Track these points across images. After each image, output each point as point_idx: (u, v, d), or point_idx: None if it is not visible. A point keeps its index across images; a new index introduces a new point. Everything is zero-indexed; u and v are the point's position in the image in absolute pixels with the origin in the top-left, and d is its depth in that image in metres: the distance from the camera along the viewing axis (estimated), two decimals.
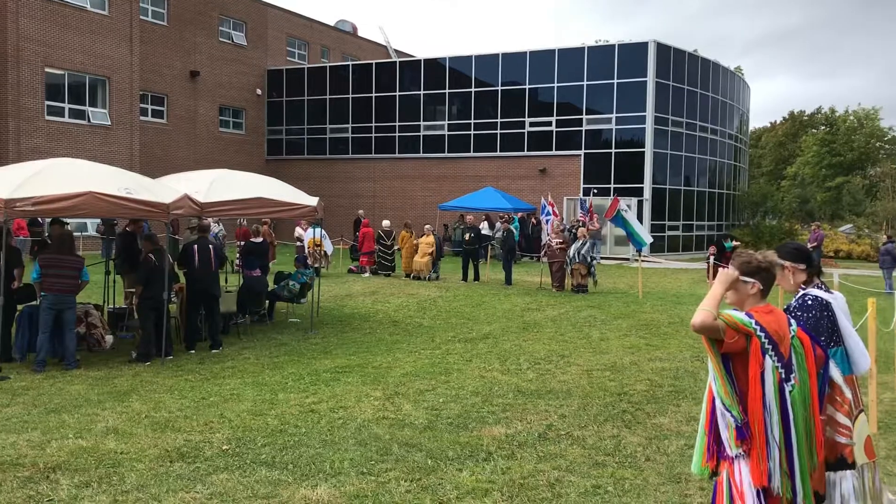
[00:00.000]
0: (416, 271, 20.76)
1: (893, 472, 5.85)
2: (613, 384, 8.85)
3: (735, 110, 39.36)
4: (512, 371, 9.52)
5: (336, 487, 5.41)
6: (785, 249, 4.09)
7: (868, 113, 55.68)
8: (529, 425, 7.06)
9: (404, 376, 9.12)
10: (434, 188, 35.28)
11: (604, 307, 15.85)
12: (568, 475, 5.70)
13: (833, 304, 3.84)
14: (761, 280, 3.54)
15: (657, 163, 32.56)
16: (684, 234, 34.24)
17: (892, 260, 20.46)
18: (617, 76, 32.42)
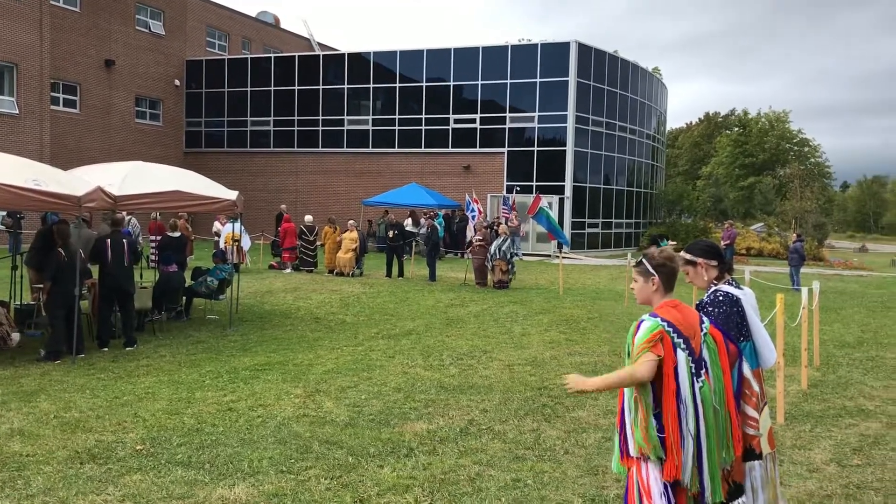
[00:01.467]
0: (340, 267, 20.60)
1: (799, 461, 6.09)
2: (534, 379, 8.96)
3: (653, 111, 40.39)
4: (435, 367, 9.53)
5: (254, 486, 5.32)
6: (697, 247, 4.21)
7: (779, 116, 57.97)
8: (451, 420, 7.08)
9: (326, 373, 9.03)
10: (358, 183, 35.07)
11: (525, 303, 16.05)
12: (488, 469, 5.75)
13: (743, 299, 3.97)
14: (661, 275, 3.61)
15: (578, 161, 33.14)
16: (603, 232, 34.96)
17: (800, 258, 21.33)
18: (539, 75, 32.85)
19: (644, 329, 3.42)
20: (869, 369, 9.98)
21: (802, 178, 41.55)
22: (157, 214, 20.97)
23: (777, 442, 6.43)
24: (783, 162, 53.16)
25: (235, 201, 12.42)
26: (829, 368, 9.95)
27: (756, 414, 3.85)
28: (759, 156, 55.21)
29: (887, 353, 11.16)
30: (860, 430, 7.04)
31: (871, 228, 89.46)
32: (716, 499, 3.39)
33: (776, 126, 56.90)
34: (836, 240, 56.04)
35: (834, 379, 9.32)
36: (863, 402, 8.15)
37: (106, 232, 11.38)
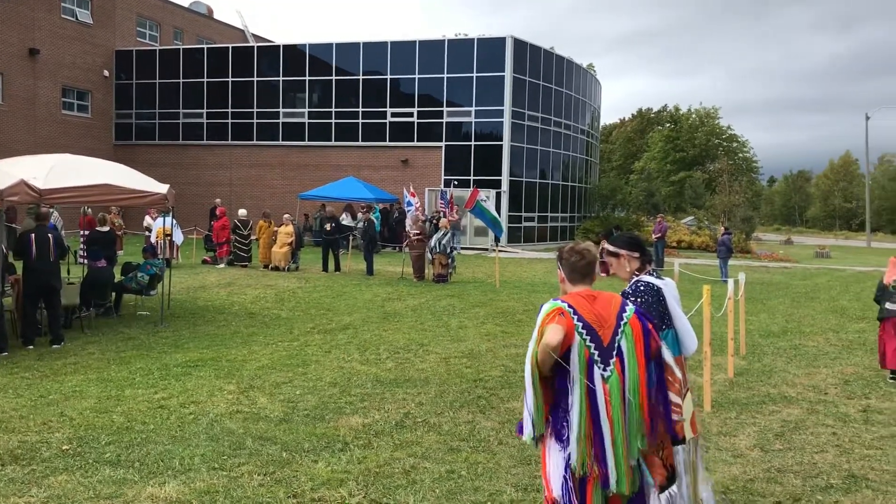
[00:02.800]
0: (275, 262, 20.36)
1: (725, 447, 6.29)
2: (470, 371, 9.03)
3: (587, 107, 40.98)
4: (371, 361, 9.52)
5: (185, 484, 5.24)
6: (621, 239, 4.31)
7: (709, 112, 59.40)
8: (387, 414, 7.09)
9: (260, 369, 8.93)
10: (294, 177, 34.67)
11: (463, 296, 16.14)
12: (423, 462, 5.78)
13: (664, 289, 4.08)
14: (564, 268, 3.71)
15: (514, 156, 33.42)
16: (539, 226, 35.35)
17: (728, 250, 21.97)
18: (476, 70, 33.00)
19: (543, 310, 3.51)
20: (792, 357, 10.34)
21: (731, 172, 42.71)
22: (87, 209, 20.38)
23: (703, 429, 6.64)
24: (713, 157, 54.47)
25: (166, 195, 12.15)
26: (755, 357, 10.28)
27: (679, 400, 3.96)
28: (690, 151, 56.53)
29: (809, 342, 11.58)
30: (782, 416, 7.30)
31: (797, 221, 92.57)
32: (620, 487, 3.37)
33: (706, 122, 58.31)
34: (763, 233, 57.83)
35: (759, 367, 9.63)
36: (786, 389, 8.45)
37: (30, 226, 11.01)
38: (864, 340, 11.55)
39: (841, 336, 12.22)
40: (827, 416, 7.31)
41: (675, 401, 3.94)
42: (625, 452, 3.41)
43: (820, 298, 17.39)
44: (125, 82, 37.87)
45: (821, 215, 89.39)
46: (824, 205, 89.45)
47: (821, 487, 5.33)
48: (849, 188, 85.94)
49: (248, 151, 36.14)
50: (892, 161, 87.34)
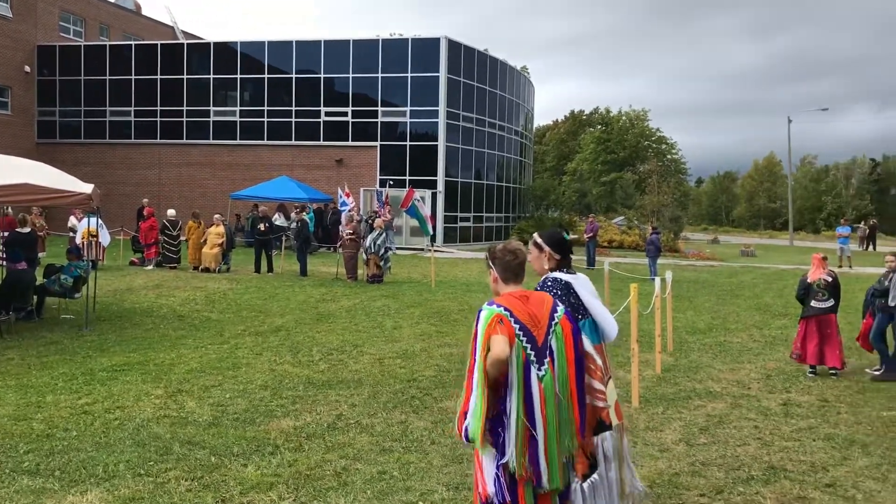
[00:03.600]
0: (205, 263, 19.98)
1: (651, 442, 6.43)
2: (404, 371, 9.03)
3: (521, 108, 41.40)
4: (304, 363, 9.43)
5: (109, 492, 5.10)
6: (550, 236, 4.36)
7: (638, 114, 60.62)
8: (319, 416, 7.03)
9: (189, 373, 8.75)
10: (225, 176, 34.08)
11: (398, 296, 16.11)
12: (355, 463, 5.75)
13: (574, 283, 4.17)
14: (497, 267, 3.71)
15: (449, 156, 33.54)
16: (475, 226, 35.56)
17: (656, 249, 22.45)
18: (411, 70, 33.00)
19: (483, 318, 3.49)
20: (717, 353, 10.64)
21: (660, 173, 43.65)
22: (7, 209, 19.64)
23: (631, 424, 6.78)
24: (643, 158, 55.55)
25: (91, 194, 11.80)
26: (682, 353, 10.54)
27: (602, 387, 4.04)
28: (621, 153, 57.56)
29: (734, 338, 11.93)
30: (707, 410, 7.50)
31: (723, 221, 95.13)
32: (553, 485, 3.44)
33: (636, 124, 59.50)
34: (690, 232, 59.26)
35: (686, 363, 9.88)
36: (711, 384, 8.69)
37: None
38: (786, 337, 11.95)
39: (764, 332, 12.62)
40: (749, 409, 7.54)
41: (598, 388, 4.02)
42: (558, 450, 3.48)
43: (744, 296, 17.92)
44: (48, 78, 36.63)
45: (746, 215, 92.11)
46: (749, 205, 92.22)
47: (742, 479, 5.50)
48: (773, 189, 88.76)
49: (177, 150, 35.37)
50: (814, 162, 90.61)
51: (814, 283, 9.35)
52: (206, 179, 34.66)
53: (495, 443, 3.44)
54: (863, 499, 5.15)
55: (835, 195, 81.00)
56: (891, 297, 9.18)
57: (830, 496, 5.19)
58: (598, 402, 4.01)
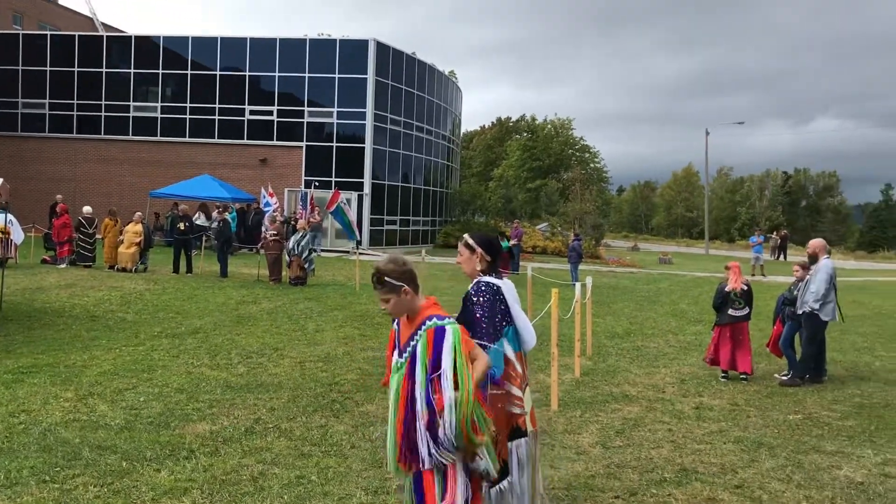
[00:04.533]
0: (121, 263, 19.37)
1: (569, 444, 6.52)
2: (325, 375, 8.94)
3: (448, 113, 41.58)
4: (222, 366, 9.23)
5: (11, 500, 4.87)
6: (482, 238, 4.39)
7: (563, 123, 61.73)
8: (236, 420, 6.89)
9: (101, 375, 8.46)
10: (145, 174, 33.13)
11: (321, 299, 15.95)
12: (272, 468, 5.66)
13: (503, 288, 4.21)
14: (410, 283, 3.56)
15: (377, 159, 33.44)
16: (401, 229, 35.52)
17: (578, 256, 22.90)
18: (338, 71, 32.78)
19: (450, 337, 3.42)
20: (634, 358, 10.89)
21: (583, 181, 44.50)
22: None
23: (550, 427, 6.88)
24: (566, 166, 56.60)
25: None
26: (600, 358, 10.75)
27: (521, 393, 4.09)
28: (546, 160, 58.48)
29: (650, 343, 12.24)
30: (624, 413, 7.67)
31: (643, 229, 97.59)
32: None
33: (560, 132, 60.58)
34: (611, 239, 60.62)
35: (604, 367, 10.08)
36: (627, 388, 8.88)
37: None
38: (700, 342, 12.31)
39: (679, 338, 12.98)
40: (664, 413, 7.74)
41: (516, 394, 4.07)
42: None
43: (661, 302, 18.42)
44: None
45: (665, 223, 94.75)
46: (668, 214, 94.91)
47: (655, 481, 5.63)
48: (690, 198, 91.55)
49: (94, 145, 34.23)
50: (730, 174, 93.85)
51: (731, 292, 9.64)
52: (125, 176, 33.63)
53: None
54: (768, 499, 5.34)
55: (749, 206, 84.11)
56: (799, 305, 9.57)
57: (738, 497, 5.36)
58: (515, 409, 4.05)
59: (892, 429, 7.31)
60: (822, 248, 9.75)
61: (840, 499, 5.39)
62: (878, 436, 7.07)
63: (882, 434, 7.12)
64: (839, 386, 9.30)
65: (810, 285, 9.45)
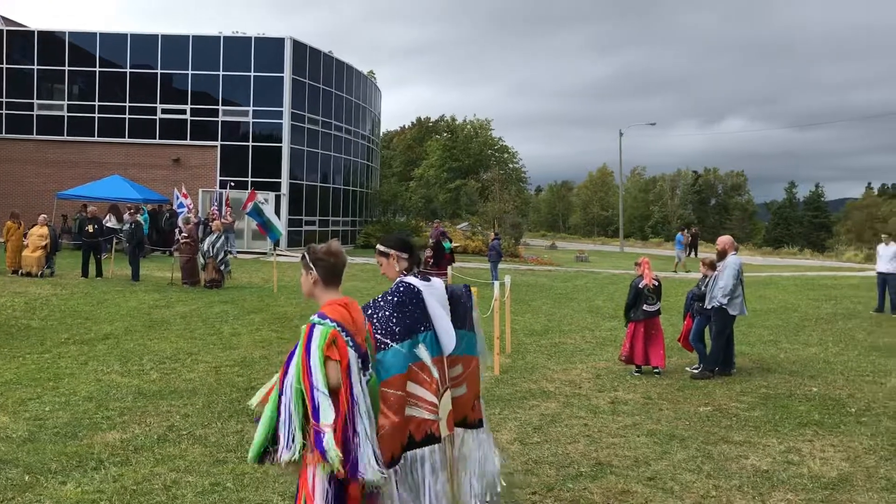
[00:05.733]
0: (26, 267, 18.55)
1: None
2: (241, 379, 8.76)
3: (368, 112, 41.39)
4: (133, 372, 8.95)
5: None
6: (391, 239, 4.36)
7: (482, 123, 62.27)
8: (148, 428, 6.69)
9: (3, 385, 8.07)
10: (51, 174, 31.82)
11: (238, 302, 15.65)
12: (186, 476, 5.51)
13: (425, 291, 4.17)
14: (320, 270, 3.59)
15: (294, 158, 33.01)
16: (320, 229, 35.16)
17: (498, 255, 23.11)
18: (254, 69, 32.22)
19: (317, 336, 3.37)
20: (552, 354, 11.06)
21: (502, 181, 44.99)
22: None
23: None
24: (486, 166, 57.10)
25: None
26: (519, 355, 10.87)
27: (436, 399, 4.06)
28: (465, 160, 58.86)
29: (567, 340, 12.45)
30: (541, 409, 7.77)
31: (561, 228, 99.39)
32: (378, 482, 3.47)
33: (480, 133, 61.10)
34: (530, 238, 61.45)
35: (522, 364, 10.20)
36: (545, 384, 9.01)
37: None
38: (615, 337, 12.60)
39: (595, 334, 13.25)
40: (580, 408, 7.89)
41: (431, 400, 4.04)
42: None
43: (578, 299, 18.76)
44: None
45: (581, 222, 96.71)
46: (584, 213, 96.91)
47: (572, 476, 5.73)
48: (605, 198, 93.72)
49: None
50: (643, 174, 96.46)
51: (645, 287, 9.88)
52: (29, 177, 32.23)
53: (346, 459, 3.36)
54: (680, 490, 5.51)
55: (661, 205, 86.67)
56: (707, 300, 9.90)
57: (651, 489, 5.51)
58: (428, 415, 4.02)
59: (796, 418, 7.63)
60: (730, 245, 10.10)
61: (747, 487, 5.60)
62: (783, 425, 7.37)
63: (786, 423, 7.43)
64: (747, 378, 9.65)
65: (718, 281, 9.79)
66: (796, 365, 10.58)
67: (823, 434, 7.06)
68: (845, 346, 12.32)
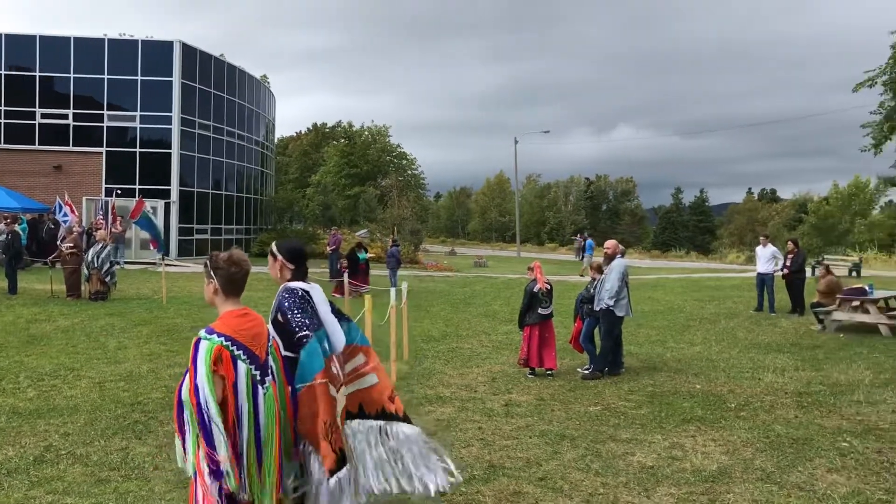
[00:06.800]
0: None
1: None
2: (127, 395, 8.43)
3: (261, 118, 40.67)
4: (8, 391, 8.47)
5: None
6: (286, 246, 4.29)
7: (380, 130, 62.21)
8: (24, 449, 6.34)
9: None
10: None
11: (124, 314, 15.06)
12: (64, 497, 5.25)
13: (312, 292, 4.15)
14: (219, 278, 3.52)
15: (185, 165, 32.08)
16: (213, 238, 34.27)
17: (397, 261, 23.09)
18: (141, 73, 31.14)
19: (202, 352, 3.29)
20: (449, 359, 11.13)
21: (400, 188, 45.05)
22: None
23: None
24: (384, 173, 57.07)
25: None
26: (417, 361, 10.89)
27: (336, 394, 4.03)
28: (364, 167, 58.66)
29: (464, 345, 12.57)
30: (437, 415, 7.81)
31: (460, 234, 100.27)
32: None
33: (378, 139, 61.01)
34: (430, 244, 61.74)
35: (420, 370, 10.22)
36: (442, 389, 9.06)
37: None
38: (511, 341, 12.81)
39: (492, 338, 13.43)
40: (475, 412, 7.97)
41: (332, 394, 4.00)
42: (277, 469, 3.45)
43: (476, 304, 18.97)
44: None
45: (480, 228, 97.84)
46: (483, 219, 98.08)
47: (464, 480, 5.77)
48: (503, 204, 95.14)
49: None
50: (538, 180, 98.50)
51: (539, 292, 10.08)
52: None
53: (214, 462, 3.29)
54: (569, 489, 5.64)
55: (556, 211, 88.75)
56: (595, 302, 10.19)
57: (542, 489, 5.62)
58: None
59: (680, 414, 7.95)
60: (617, 248, 10.45)
61: (633, 483, 5.79)
62: (667, 421, 7.66)
63: (670, 420, 7.72)
64: (634, 377, 9.98)
65: (605, 283, 10.10)
66: (681, 363, 11.02)
67: (705, 429, 7.38)
68: (727, 344, 12.92)
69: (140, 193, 28.13)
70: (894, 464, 6.27)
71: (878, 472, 6.07)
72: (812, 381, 9.72)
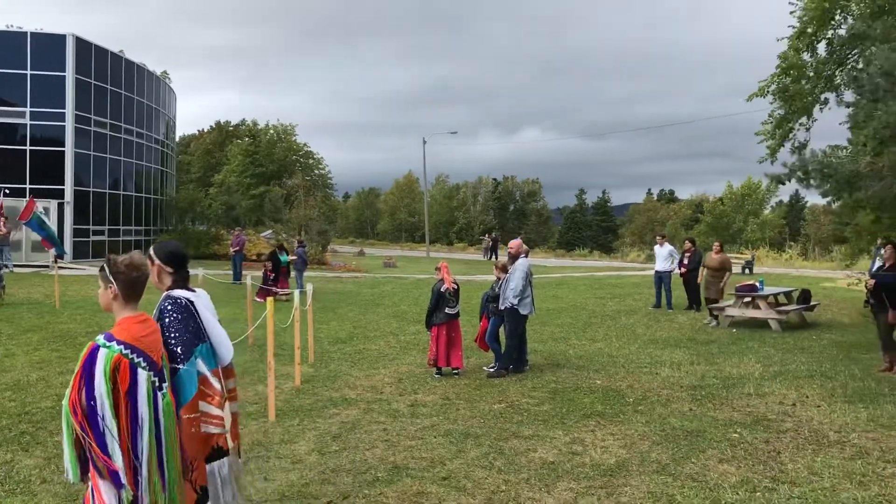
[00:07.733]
0: None
1: (285, 454, 6.43)
2: (14, 405, 8.02)
3: (161, 115, 39.44)
4: None
5: None
6: (164, 248, 4.15)
7: (286, 128, 61.17)
8: None
9: None
10: None
11: (13, 320, 14.33)
12: None
13: (196, 301, 4.00)
14: (120, 284, 3.43)
15: (80, 163, 30.81)
16: (110, 239, 33.03)
17: (304, 262, 22.78)
18: (31, 67, 29.71)
19: (102, 360, 3.21)
20: (356, 361, 11.06)
21: (307, 188, 44.44)
22: None
23: (266, 438, 6.76)
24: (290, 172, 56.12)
25: None
26: (322, 363, 10.77)
27: (220, 412, 3.92)
28: (269, 166, 57.55)
29: (372, 346, 12.51)
30: (342, 417, 7.74)
31: (369, 234, 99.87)
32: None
33: (284, 138, 59.98)
34: (338, 245, 61.23)
35: (325, 373, 10.11)
36: (347, 391, 8.98)
37: None
38: (419, 341, 12.83)
39: (400, 338, 13.41)
40: (380, 413, 7.93)
41: (215, 413, 3.89)
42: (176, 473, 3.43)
43: (384, 305, 18.91)
44: None
45: (389, 228, 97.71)
46: (392, 219, 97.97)
47: (368, 482, 5.74)
48: (412, 204, 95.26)
49: None
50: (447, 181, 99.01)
51: (446, 291, 10.12)
52: None
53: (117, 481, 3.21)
54: (472, 487, 5.68)
55: (465, 211, 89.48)
56: (500, 301, 10.32)
57: (445, 488, 5.64)
58: (214, 429, 3.87)
59: (581, 410, 8.12)
60: (521, 248, 10.61)
61: (534, 479, 5.88)
62: (569, 417, 7.81)
63: (571, 416, 7.88)
64: (538, 374, 10.15)
65: (509, 282, 10.24)
66: (583, 360, 11.27)
67: (605, 424, 7.57)
68: (627, 340, 13.30)
69: (31, 193, 26.82)
70: (781, 453, 6.58)
71: (765, 461, 6.36)
72: (706, 374, 10.11)
